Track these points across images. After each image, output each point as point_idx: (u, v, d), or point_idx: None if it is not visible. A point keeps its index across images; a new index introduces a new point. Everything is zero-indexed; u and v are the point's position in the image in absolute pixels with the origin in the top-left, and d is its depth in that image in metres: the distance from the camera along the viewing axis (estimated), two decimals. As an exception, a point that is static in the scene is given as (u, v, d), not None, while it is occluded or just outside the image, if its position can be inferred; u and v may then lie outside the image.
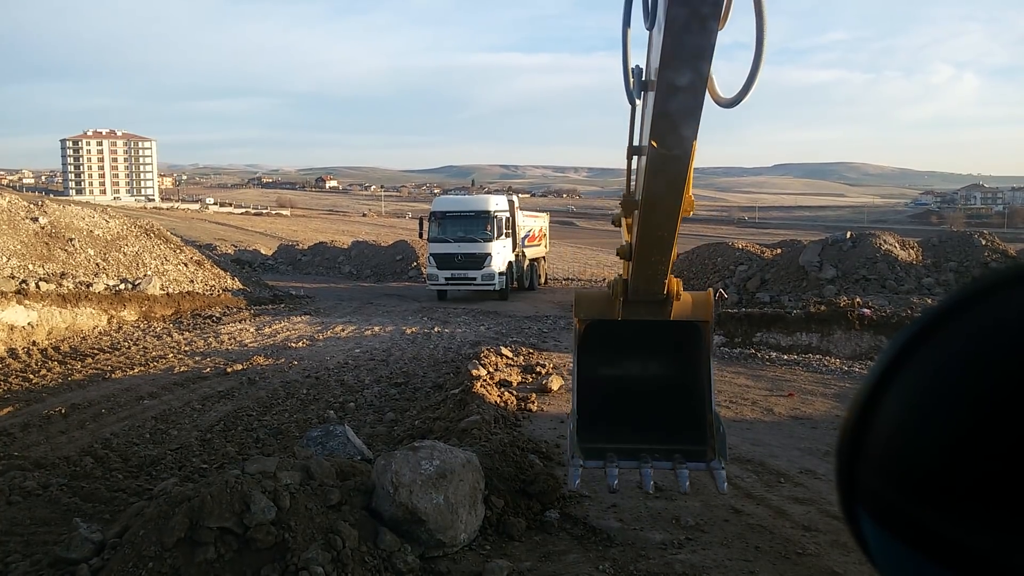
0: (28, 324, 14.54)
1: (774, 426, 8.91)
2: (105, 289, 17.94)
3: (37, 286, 15.87)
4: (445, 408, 9.15)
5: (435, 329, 17.81)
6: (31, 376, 11.29)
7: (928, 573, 0.52)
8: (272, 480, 4.59)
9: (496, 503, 5.42)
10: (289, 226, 73.18)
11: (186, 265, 23.86)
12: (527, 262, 28.38)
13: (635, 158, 4.36)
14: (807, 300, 17.37)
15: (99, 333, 15.74)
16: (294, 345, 14.94)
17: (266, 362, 12.95)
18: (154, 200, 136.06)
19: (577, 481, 4.91)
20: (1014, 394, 0.49)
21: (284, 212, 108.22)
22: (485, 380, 10.28)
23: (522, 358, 13.25)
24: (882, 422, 0.56)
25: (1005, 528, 0.48)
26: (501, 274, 25.15)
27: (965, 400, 0.52)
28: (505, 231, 25.59)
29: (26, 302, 14.79)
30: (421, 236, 26.68)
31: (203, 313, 19.20)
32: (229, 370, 12.09)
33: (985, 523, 0.49)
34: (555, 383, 10.53)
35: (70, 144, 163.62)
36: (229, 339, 15.59)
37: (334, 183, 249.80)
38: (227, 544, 4.18)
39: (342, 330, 17.34)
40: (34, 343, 14.02)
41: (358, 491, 4.91)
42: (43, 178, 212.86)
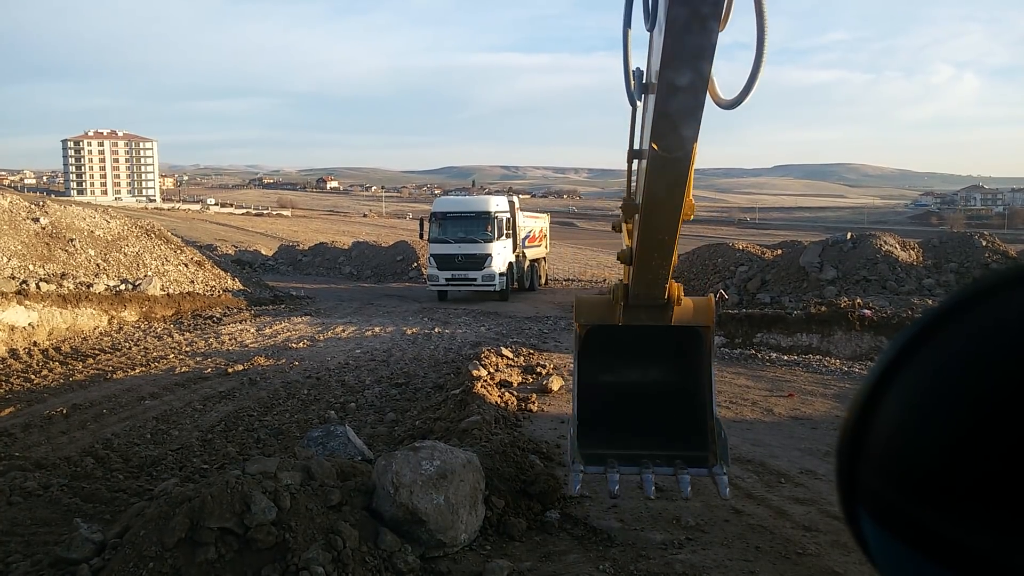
0: (29, 325, 14.55)
1: (774, 426, 8.91)
2: (106, 290, 17.95)
3: (38, 286, 15.88)
4: (446, 408, 9.16)
5: (436, 330, 17.81)
6: (32, 376, 11.31)
7: (928, 573, 0.52)
8: (273, 480, 4.59)
9: (496, 503, 5.42)
10: (290, 227, 73.21)
11: (187, 266, 23.87)
12: (527, 263, 28.33)
13: (635, 161, 4.36)
14: (807, 301, 17.35)
15: (100, 334, 15.75)
16: (295, 346, 14.95)
17: (267, 363, 12.96)
18: (155, 201, 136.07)
19: (578, 487, 4.91)
20: (1014, 395, 0.49)
21: (285, 213, 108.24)
22: (486, 381, 10.29)
23: (522, 359, 13.26)
24: (882, 422, 0.56)
25: (1005, 528, 0.48)
26: (501, 275, 25.12)
27: (965, 401, 0.52)
28: (505, 232, 25.57)
29: (27, 302, 14.80)
30: (421, 237, 26.65)
31: (204, 314, 19.21)
32: (230, 371, 12.10)
33: (985, 523, 0.49)
34: (555, 384, 10.54)
35: (71, 144, 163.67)
36: (230, 340, 15.60)
37: (335, 184, 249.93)
38: (228, 544, 4.18)
39: (343, 331, 17.35)
40: (35, 344, 14.03)
41: (359, 491, 4.91)
42: (44, 178, 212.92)
